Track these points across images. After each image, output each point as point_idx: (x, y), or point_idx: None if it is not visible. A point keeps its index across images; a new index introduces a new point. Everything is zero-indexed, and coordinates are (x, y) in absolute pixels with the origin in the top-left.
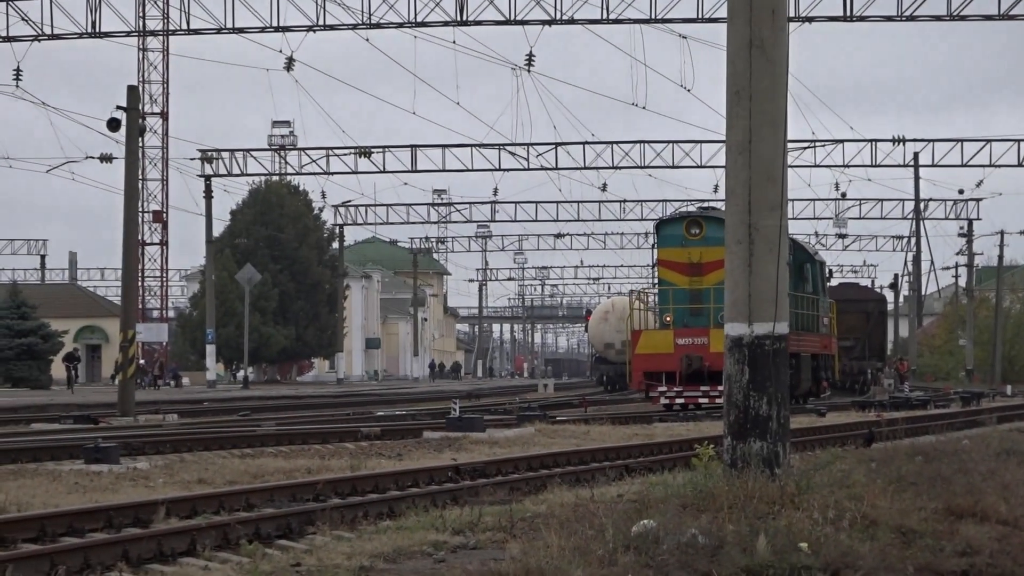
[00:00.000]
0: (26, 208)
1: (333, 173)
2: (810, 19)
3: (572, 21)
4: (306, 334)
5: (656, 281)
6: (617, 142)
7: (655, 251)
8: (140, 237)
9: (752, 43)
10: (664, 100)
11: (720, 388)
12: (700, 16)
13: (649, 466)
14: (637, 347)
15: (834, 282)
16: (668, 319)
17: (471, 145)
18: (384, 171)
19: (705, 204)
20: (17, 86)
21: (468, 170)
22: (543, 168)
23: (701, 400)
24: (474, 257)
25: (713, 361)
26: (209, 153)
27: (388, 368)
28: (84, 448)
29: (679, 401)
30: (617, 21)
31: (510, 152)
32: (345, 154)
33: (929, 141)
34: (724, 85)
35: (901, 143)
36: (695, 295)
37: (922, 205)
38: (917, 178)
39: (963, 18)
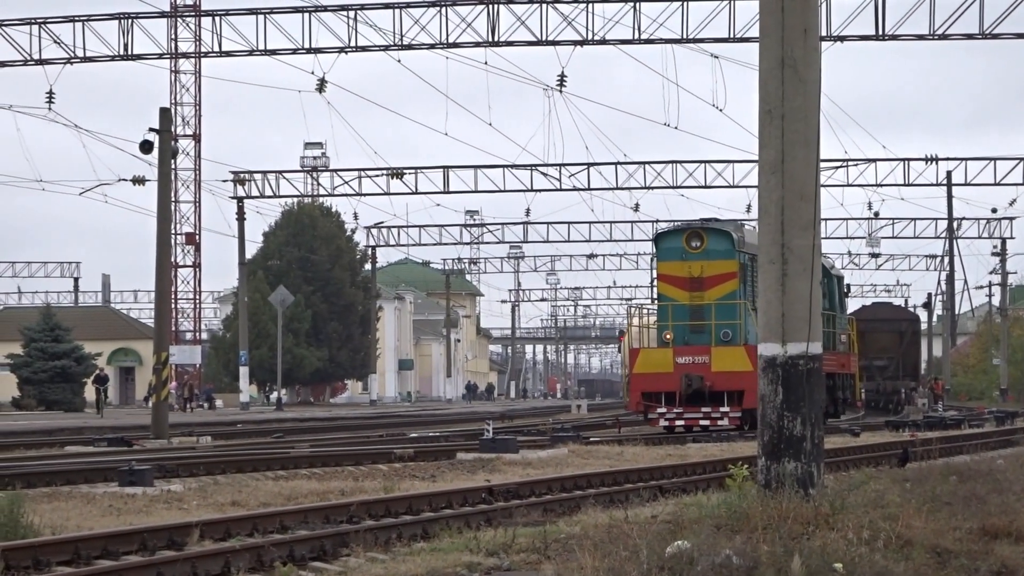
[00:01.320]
0: (59, 231)
1: (365, 194)
2: (842, 38)
3: (604, 41)
4: (339, 355)
5: (655, 296)
6: (649, 162)
7: (654, 265)
8: (173, 259)
9: (784, 62)
10: (696, 120)
11: (722, 409)
12: (732, 36)
13: (683, 487)
14: (635, 366)
15: (867, 301)
16: (668, 336)
17: (503, 166)
18: (416, 192)
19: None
20: (50, 109)
21: (500, 191)
22: (575, 188)
23: (702, 422)
24: (507, 278)
25: (715, 381)
26: (242, 175)
27: (421, 389)
28: (118, 470)
29: (679, 424)
30: (649, 41)
31: (542, 173)
32: (377, 175)
33: (962, 160)
34: (756, 104)
35: (934, 162)
36: (696, 311)
37: (955, 224)
38: (950, 197)
39: (996, 36)
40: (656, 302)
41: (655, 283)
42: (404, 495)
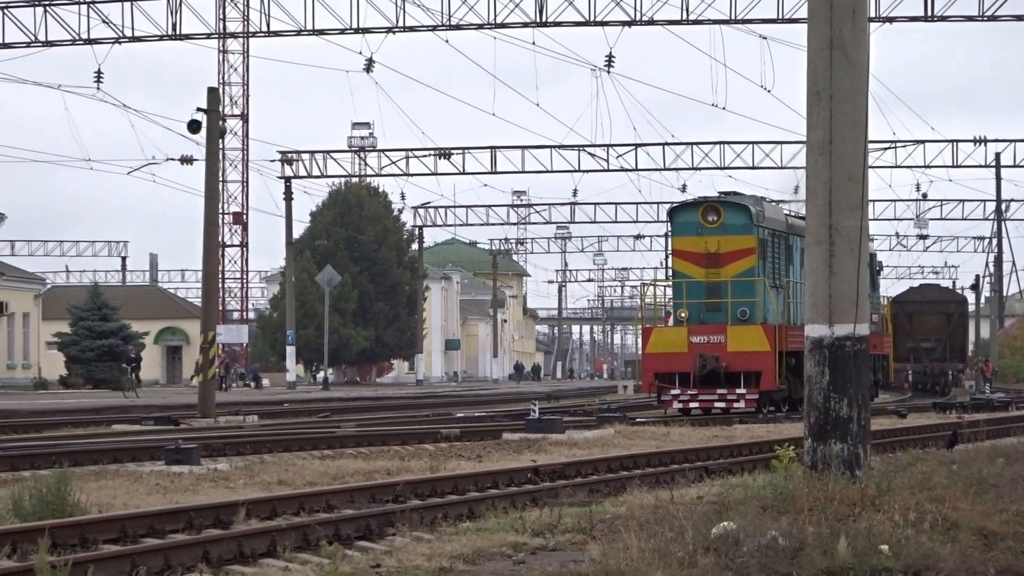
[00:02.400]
0: (107, 210)
1: (413, 175)
2: (891, 19)
3: (652, 22)
4: (386, 335)
5: (671, 273)
6: (697, 143)
7: (669, 240)
8: (220, 239)
9: (833, 43)
10: (744, 100)
11: (739, 391)
12: (780, 16)
13: (729, 468)
14: (648, 345)
15: (915, 283)
16: (683, 315)
17: (551, 146)
18: (464, 172)
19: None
20: (98, 88)
21: (547, 171)
22: (623, 169)
23: (718, 404)
24: (553, 258)
25: (731, 361)
26: (289, 155)
27: (467, 369)
28: (165, 449)
29: (693, 406)
30: (697, 22)
31: (590, 153)
32: (425, 155)
33: (1011, 141)
34: (804, 85)
35: (982, 143)
36: (712, 289)
37: (1004, 206)
38: (999, 178)
39: None
40: (671, 279)
41: (670, 259)
42: (450, 475)
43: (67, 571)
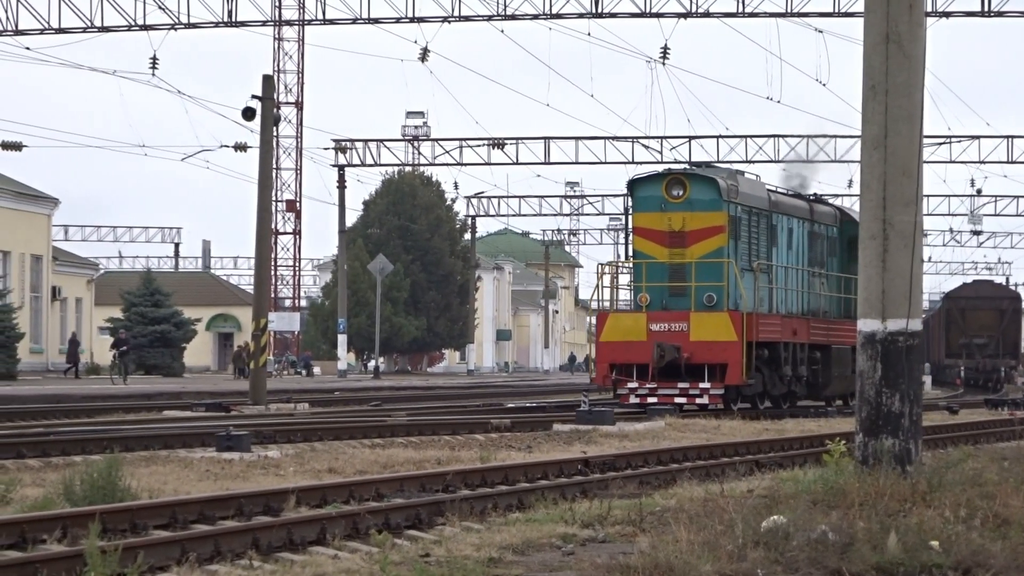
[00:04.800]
0: (161, 196)
1: (466, 164)
2: (947, 14)
3: (708, 14)
4: (437, 325)
5: (630, 253)
6: (751, 136)
7: (629, 217)
8: (273, 226)
9: (889, 38)
10: (799, 94)
11: (702, 386)
12: (836, 10)
13: (779, 461)
14: (603, 333)
15: (967, 279)
16: (643, 300)
17: (604, 137)
18: (517, 163)
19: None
20: (153, 74)
21: (601, 162)
22: (676, 161)
23: (678, 400)
24: (606, 250)
25: (693, 352)
26: (343, 143)
27: (518, 360)
28: (216, 436)
29: (651, 401)
30: (753, 15)
31: (643, 145)
32: (478, 145)
33: None
34: (860, 79)
35: None
36: (676, 271)
37: None
38: None
39: None
40: (631, 259)
41: (630, 237)
42: (500, 465)
43: (117, 556)
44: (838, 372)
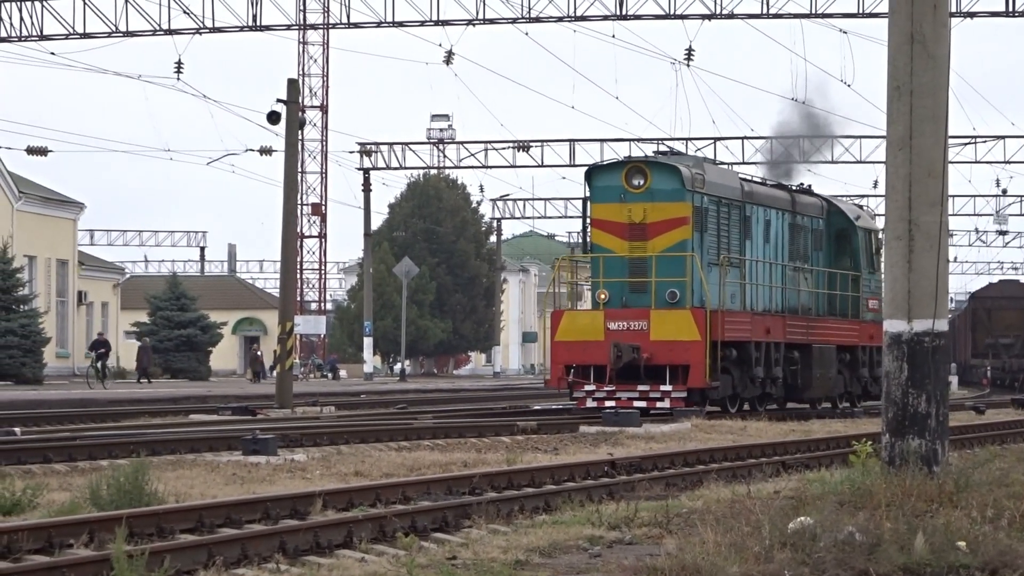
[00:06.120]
0: (186, 200)
1: (491, 167)
2: (972, 14)
3: (732, 16)
4: (463, 327)
5: (589, 247)
6: (776, 137)
7: (587, 208)
8: (299, 229)
9: (914, 38)
10: (824, 94)
11: (663, 388)
12: (860, 11)
13: (806, 463)
14: (557, 332)
15: (993, 279)
16: (602, 296)
17: (629, 139)
18: (542, 165)
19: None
20: (178, 79)
21: None
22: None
23: (638, 404)
24: None
25: (654, 352)
26: (368, 146)
27: (545, 362)
28: (242, 439)
29: (608, 405)
30: (777, 16)
31: (668, 146)
32: (503, 148)
33: None
34: (885, 80)
35: None
36: (636, 266)
37: None
38: None
39: None
40: (589, 254)
41: (588, 230)
42: (526, 467)
43: (144, 560)
44: (820, 373)
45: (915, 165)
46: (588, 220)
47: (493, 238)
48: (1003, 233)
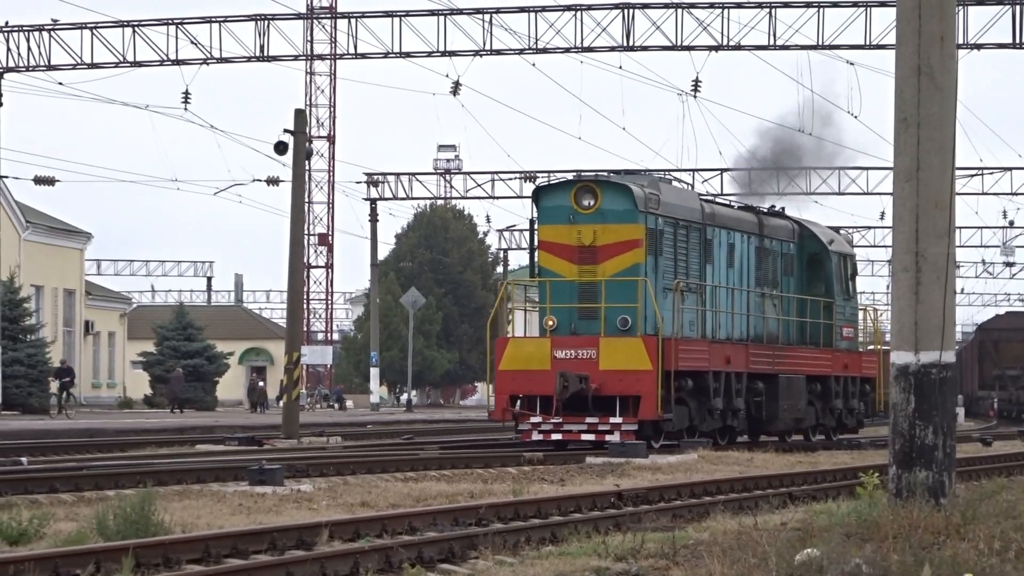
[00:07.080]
0: (193, 230)
1: (498, 197)
2: (979, 46)
3: (739, 47)
4: (470, 358)
5: (535, 271)
6: (783, 168)
7: (534, 230)
8: (306, 260)
9: (921, 70)
10: (831, 126)
11: (613, 421)
12: (868, 43)
13: (813, 494)
14: (501, 361)
15: (1000, 311)
16: (550, 323)
17: (636, 171)
18: None
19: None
20: (185, 109)
21: None
22: (709, 193)
23: (586, 436)
24: None
25: (603, 382)
26: (375, 176)
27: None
28: (249, 470)
29: (555, 437)
30: (784, 47)
31: (676, 178)
32: (510, 178)
33: None
34: (892, 112)
35: None
36: (586, 291)
37: None
38: None
39: None
40: (536, 278)
41: (535, 253)
42: (533, 498)
43: None
44: (787, 404)
45: (922, 196)
46: (536, 242)
47: (500, 268)
48: (1010, 264)
